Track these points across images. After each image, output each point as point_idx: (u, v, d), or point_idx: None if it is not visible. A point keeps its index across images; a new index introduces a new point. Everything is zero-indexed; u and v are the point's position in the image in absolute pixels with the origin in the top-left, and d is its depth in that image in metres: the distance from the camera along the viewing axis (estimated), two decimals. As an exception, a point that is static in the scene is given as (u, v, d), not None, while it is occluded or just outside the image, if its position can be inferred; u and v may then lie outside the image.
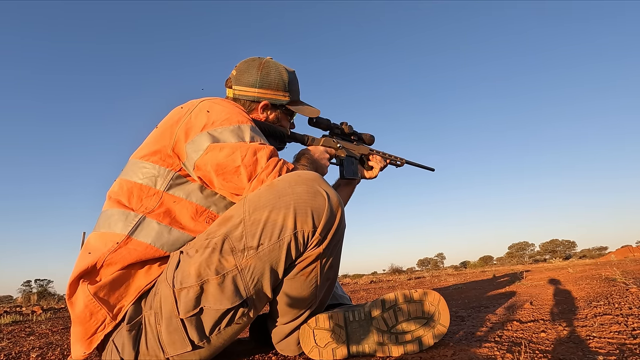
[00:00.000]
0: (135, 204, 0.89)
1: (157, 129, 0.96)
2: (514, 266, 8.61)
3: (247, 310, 0.81)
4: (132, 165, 0.93)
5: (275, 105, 1.11)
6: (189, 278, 0.77)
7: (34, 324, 2.34)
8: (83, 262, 0.83)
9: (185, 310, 0.77)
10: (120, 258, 0.82)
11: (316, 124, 1.24)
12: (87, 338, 0.81)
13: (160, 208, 0.88)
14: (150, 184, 0.90)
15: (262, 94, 1.08)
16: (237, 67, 1.11)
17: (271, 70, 1.09)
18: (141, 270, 0.85)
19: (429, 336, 0.90)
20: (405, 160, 1.53)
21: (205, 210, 0.92)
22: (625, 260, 5.18)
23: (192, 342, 0.78)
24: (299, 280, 0.85)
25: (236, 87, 1.08)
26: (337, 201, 0.83)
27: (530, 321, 1.20)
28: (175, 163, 0.91)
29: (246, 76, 1.08)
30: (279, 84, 1.09)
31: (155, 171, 0.90)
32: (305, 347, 0.92)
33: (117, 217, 0.87)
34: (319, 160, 1.13)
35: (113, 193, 0.92)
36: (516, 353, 0.82)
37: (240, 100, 1.08)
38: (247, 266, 0.79)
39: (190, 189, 0.91)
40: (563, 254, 27.82)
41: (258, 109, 1.09)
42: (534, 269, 5.10)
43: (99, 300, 0.80)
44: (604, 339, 0.89)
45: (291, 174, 0.85)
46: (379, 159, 1.41)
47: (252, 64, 1.09)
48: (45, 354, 1.26)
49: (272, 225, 0.79)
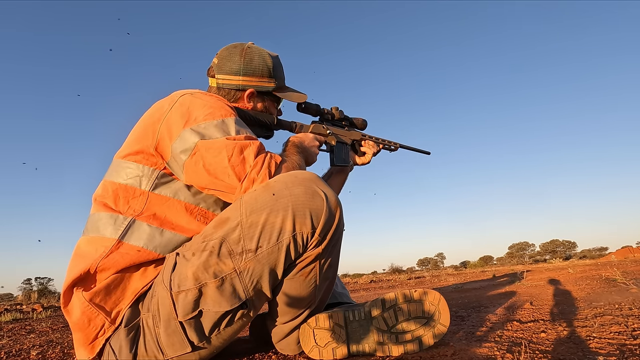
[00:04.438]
0: (122, 206, 0.86)
1: (137, 126, 0.93)
2: (514, 266, 8.61)
3: (247, 311, 0.81)
4: (116, 165, 0.91)
5: (262, 92, 1.09)
6: (187, 281, 0.76)
7: (34, 321, 2.34)
8: (75, 269, 0.81)
9: (183, 313, 0.76)
10: (113, 263, 0.81)
11: (305, 109, 1.20)
12: (89, 343, 0.80)
13: (149, 210, 0.86)
14: (135, 185, 0.87)
15: (247, 82, 1.05)
16: (218, 54, 1.07)
17: (254, 56, 1.05)
18: (136, 273, 0.83)
19: (429, 336, 0.90)
20: (399, 144, 1.48)
21: (195, 207, 0.90)
22: (626, 261, 5.17)
23: (191, 344, 0.78)
24: (298, 280, 0.85)
25: (219, 75, 1.04)
26: (336, 201, 0.83)
27: (530, 321, 1.20)
28: (159, 162, 0.88)
29: (229, 64, 1.04)
30: (263, 70, 1.05)
31: (139, 171, 0.88)
32: (305, 347, 0.92)
33: (106, 220, 0.85)
34: (309, 148, 1.09)
35: (98, 196, 0.90)
36: (516, 353, 0.82)
37: (225, 89, 1.05)
38: (246, 269, 0.78)
39: (177, 187, 0.89)
40: (563, 255, 27.79)
41: (244, 97, 1.06)
42: (534, 269, 5.09)
43: (96, 306, 0.79)
44: (604, 340, 0.89)
45: (288, 174, 0.83)
46: (372, 144, 1.37)
47: (234, 51, 1.05)
48: (45, 351, 1.27)
49: (271, 227, 0.78)
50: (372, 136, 1.40)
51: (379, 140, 1.42)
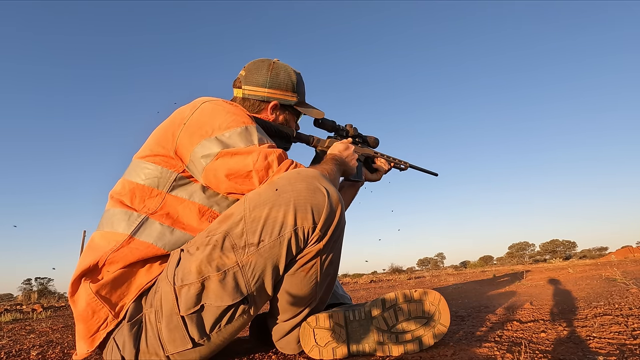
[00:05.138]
0: (137, 204, 0.90)
1: (159, 129, 0.97)
2: (514, 266, 8.61)
3: (248, 307, 0.81)
4: (135, 165, 0.94)
5: (284, 105, 1.13)
6: (190, 275, 0.78)
7: (34, 322, 2.34)
8: (85, 260, 0.84)
9: (186, 308, 0.77)
10: (122, 257, 0.83)
11: (322, 125, 1.25)
12: (90, 336, 0.81)
13: (163, 209, 0.90)
14: (153, 185, 0.91)
15: (272, 94, 1.09)
16: (245, 67, 1.12)
17: (280, 71, 1.10)
18: (142, 268, 0.85)
19: (429, 336, 0.90)
20: (409, 164, 1.52)
21: (208, 209, 0.93)
22: (626, 261, 5.18)
23: (192, 340, 0.79)
24: (299, 277, 0.85)
25: (246, 87, 1.09)
26: (337, 198, 0.84)
27: (530, 321, 1.20)
28: (178, 165, 0.92)
29: (256, 76, 1.09)
30: (287, 85, 1.11)
31: (157, 172, 0.91)
32: (306, 346, 0.92)
33: (120, 216, 0.88)
34: (348, 161, 1.14)
35: (116, 193, 0.93)
36: (516, 353, 0.82)
37: (250, 100, 1.10)
38: (248, 263, 0.79)
39: (193, 189, 0.93)
40: (563, 254, 27.80)
41: (268, 109, 1.11)
42: (534, 269, 5.10)
43: (101, 298, 0.80)
44: (604, 339, 0.89)
45: (291, 172, 0.85)
46: (383, 162, 1.41)
47: (261, 65, 1.11)
48: (45, 352, 1.27)
49: (273, 222, 0.79)
50: (384, 154, 1.43)
51: (390, 159, 1.45)
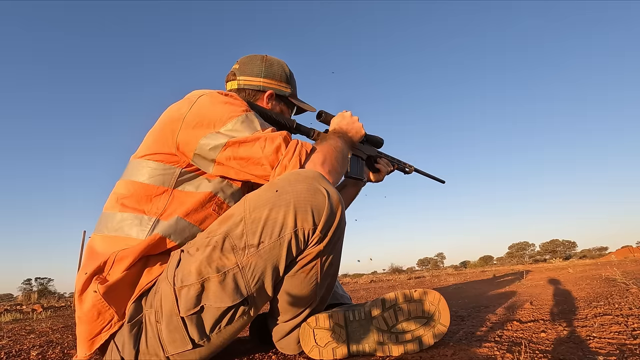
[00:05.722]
0: (145, 205, 0.89)
1: (156, 127, 0.96)
2: (514, 266, 8.61)
3: (248, 308, 0.81)
4: (136, 165, 0.93)
5: (279, 96, 1.15)
6: (190, 276, 0.77)
7: (34, 322, 2.34)
8: (94, 261, 0.83)
9: (185, 309, 0.77)
10: (130, 252, 0.83)
11: (324, 120, 1.20)
12: (90, 339, 0.81)
13: (171, 206, 0.89)
14: (158, 183, 0.90)
15: (268, 84, 1.12)
16: (239, 61, 1.14)
17: (274, 63, 1.14)
18: (145, 269, 0.85)
19: (429, 336, 0.90)
20: (414, 168, 1.48)
21: (213, 196, 0.93)
22: (626, 261, 5.18)
23: (192, 341, 0.78)
24: (299, 278, 0.85)
25: (241, 77, 1.11)
26: (338, 199, 0.83)
27: (530, 321, 1.20)
28: (181, 160, 0.91)
29: (250, 67, 1.12)
30: (282, 76, 1.14)
31: (160, 169, 0.91)
32: (306, 347, 0.92)
33: (131, 221, 0.87)
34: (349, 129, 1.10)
35: (120, 195, 0.91)
36: (516, 353, 0.82)
37: (246, 90, 1.11)
38: (248, 264, 0.79)
39: (199, 182, 0.93)
40: (563, 254, 27.81)
41: (264, 98, 1.12)
42: (534, 269, 5.10)
43: (108, 300, 0.80)
44: (604, 339, 0.89)
45: (292, 172, 0.85)
46: (387, 163, 1.38)
47: (254, 57, 1.13)
48: (45, 352, 1.27)
49: (273, 223, 0.79)
50: (387, 155, 1.40)
51: (394, 160, 1.42)
